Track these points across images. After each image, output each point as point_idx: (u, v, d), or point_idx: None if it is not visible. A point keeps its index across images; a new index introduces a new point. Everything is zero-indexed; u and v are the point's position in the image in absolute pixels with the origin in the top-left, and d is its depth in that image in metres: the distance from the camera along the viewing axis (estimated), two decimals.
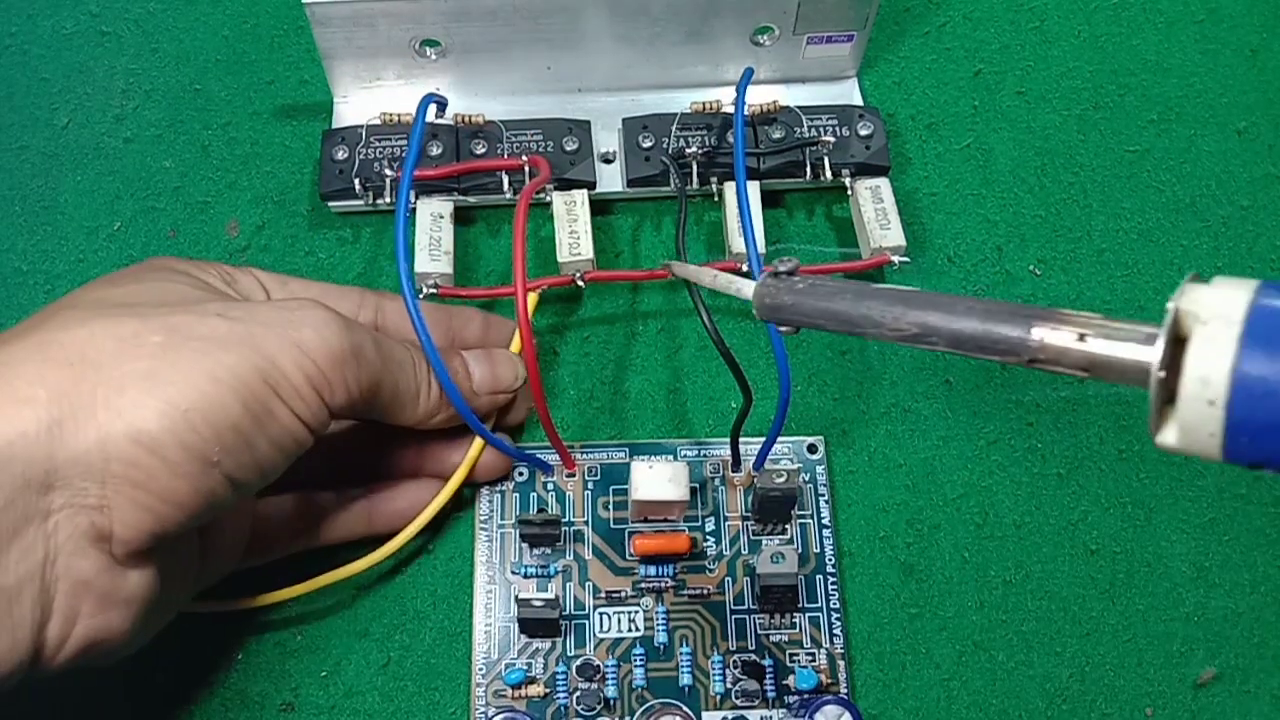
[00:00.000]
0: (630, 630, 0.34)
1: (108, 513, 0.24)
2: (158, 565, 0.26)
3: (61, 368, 0.24)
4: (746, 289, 0.26)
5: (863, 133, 0.39)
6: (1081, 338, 0.19)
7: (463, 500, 0.36)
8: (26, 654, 0.23)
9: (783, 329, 0.26)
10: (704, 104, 0.40)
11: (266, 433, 0.26)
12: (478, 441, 0.34)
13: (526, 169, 0.38)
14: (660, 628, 0.34)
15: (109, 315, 0.25)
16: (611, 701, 0.33)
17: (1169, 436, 0.18)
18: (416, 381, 0.31)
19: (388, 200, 0.39)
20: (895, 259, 0.37)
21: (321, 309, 0.28)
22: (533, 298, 0.36)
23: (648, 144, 0.39)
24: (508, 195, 0.39)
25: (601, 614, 0.34)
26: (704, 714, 0.33)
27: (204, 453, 0.25)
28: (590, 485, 0.36)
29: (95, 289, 0.28)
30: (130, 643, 0.26)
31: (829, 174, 0.39)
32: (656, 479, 0.32)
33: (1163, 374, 0.18)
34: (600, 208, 0.40)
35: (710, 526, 0.35)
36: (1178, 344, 0.18)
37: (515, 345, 0.35)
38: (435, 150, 0.39)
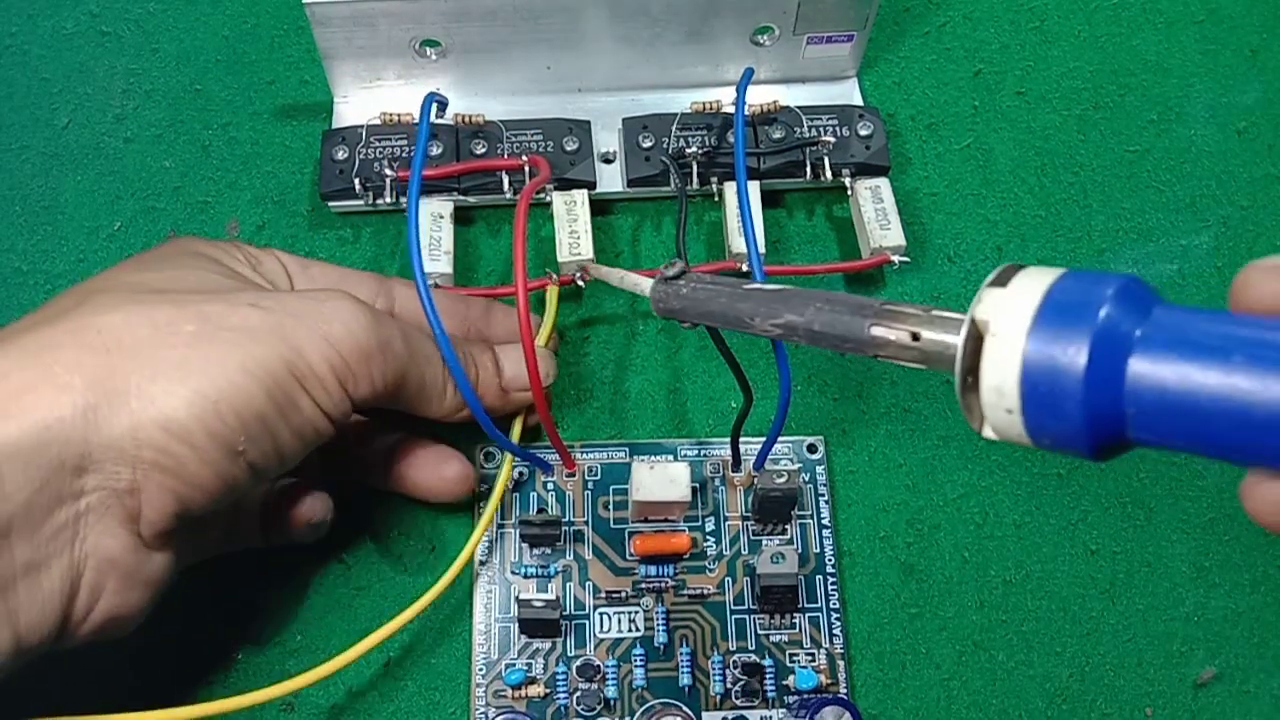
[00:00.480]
0: (630, 630, 0.34)
1: (137, 496, 0.25)
2: (176, 547, 0.27)
3: (98, 354, 0.25)
4: (647, 289, 0.28)
5: (863, 133, 0.39)
6: (915, 336, 0.20)
7: (463, 501, 0.36)
8: (55, 625, 0.24)
9: (683, 326, 0.27)
10: (704, 104, 0.40)
11: (290, 423, 0.27)
12: (508, 460, 0.34)
13: (526, 169, 0.38)
14: (660, 628, 0.34)
15: (145, 301, 0.26)
16: (612, 702, 0.33)
17: (987, 433, 0.19)
18: (443, 377, 0.31)
19: (388, 200, 0.39)
20: (895, 259, 0.37)
21: (352, 302, 0.28)
22: (553, 290, 0.36)
23: (648, 144, 0.39)
24: (508, 195, 0.39)
25: (601, 614, 0.34)
26: (704, 714, 0.33)
27: (230, 442, 0.25)
28: (590, 485, 0.36)
29: (130, 271, 0.28)
30: (140, 619, 0.27)
31: (829, 174, 0.39)
32: (658, 479, 0.33)
33: (970, 379, 0.18)
34: (600, 208, 0.40)
35: (710, 526, 0.35)
36: (982, 346, 0.18)
37: (543, 338, 0.35)
38: (435, 150, 0.38)
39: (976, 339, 0.18)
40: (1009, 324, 0.18)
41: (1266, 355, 0.16)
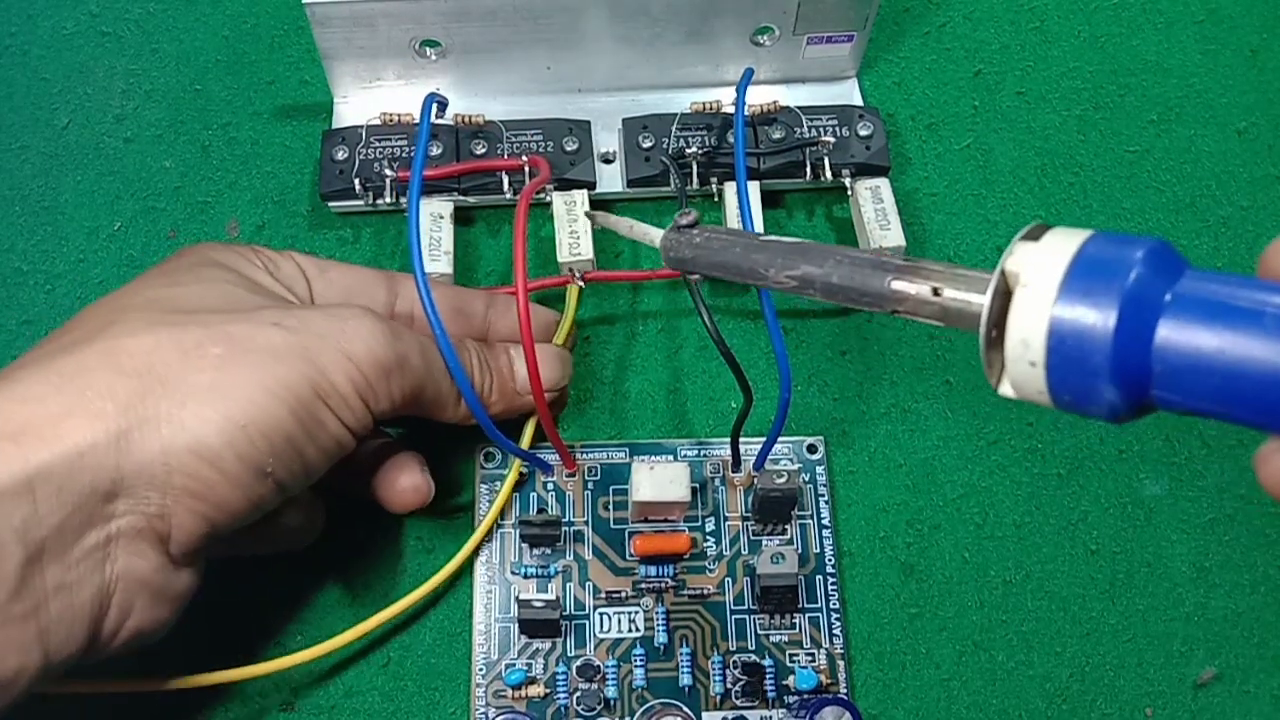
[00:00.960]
0: (630, 630, 0.34)
1: (167, 519, 0.25)
2: (200, 563, 0.28)
3: (129, 378, 0.25)
4: (657, 239, 0.27)
5: (863, 133, 0.39)
6: (936, 291, 0.20)
7: (463, 501, 0.36)
8: (83, 643, 0.25)
9: (691, 277, 0.27)
10: (704, 104, 0.40)
11: (316, 441, 0.27)
12: (516, 464, 0.35)
13: (526, 169, 0.38)
14: (660, 628, 0.34)
15: (172, 323, 0.26)
16: (612, 702, 0.33)
17: (1005, 389, 0.19)
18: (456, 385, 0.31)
19: (388, 200, 0.39)
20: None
21: (371, 319, 0.29)
22: (572, 289, 0.36)
23: (648, 144, 0.39)
24: (508, 195, 0.39)
25: (601, 614, 0.34)
26: (704, 714, 0.33)
27: (259, 464, 0.26)
28: (590, 485, 0.36)
29: (154, 286, 0.28)
30: (166, 631, 0.28)
31: (829, 174, 0.39)
32: (657, 480, 0.33)
33: (994, 333, 0.18)
34: (600, 208, 0.40)
35: (710, 527, 0.35)
36: (1009, 300, 0.18)
37: (561, 337, 0.35)
38: (435, 150, 0.39)
39: (1004, 294, 0.18)
40: (1041, 277, 0.18)
41: None
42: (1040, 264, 0.18)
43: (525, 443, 0.34)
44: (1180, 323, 0.17)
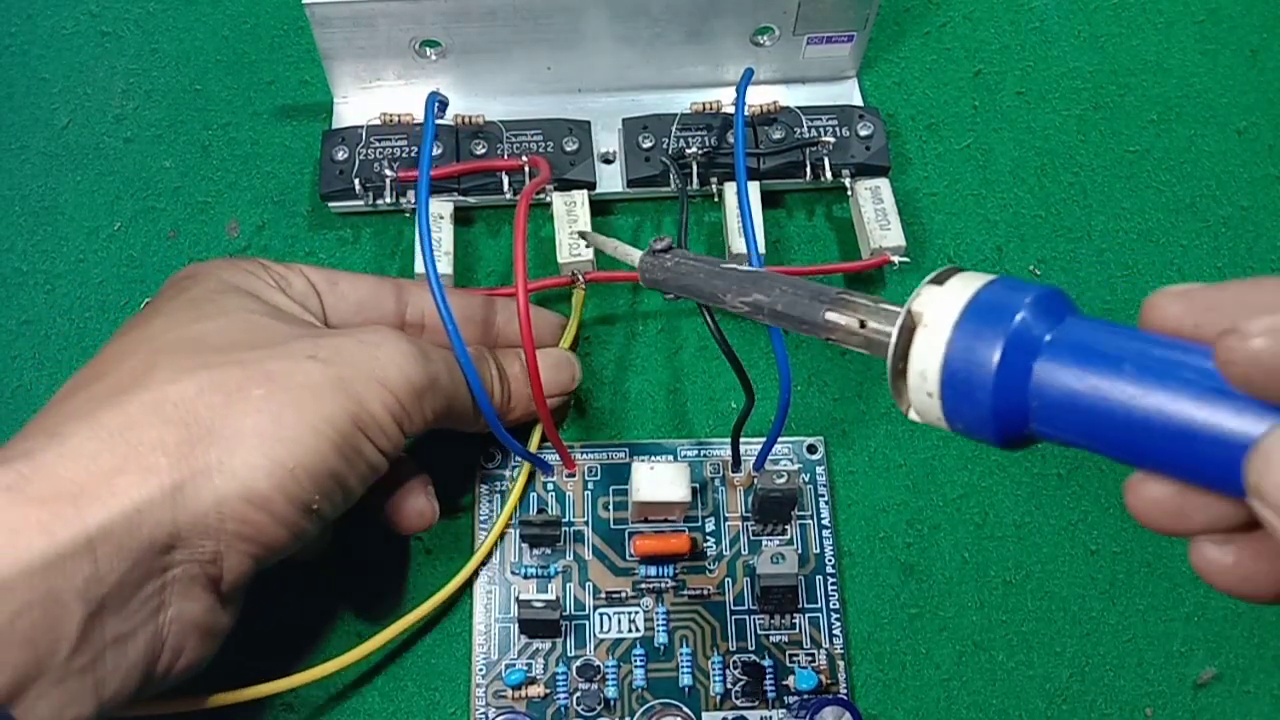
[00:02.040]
0: (630, 631, 0.34)
1: (219, 563, 0.26)
2: (242, 597, 0.28)
3: (177, 428, 0.25)
4: (636, 260, 0.30)
5: (863, 133, 0.39)
6: (862, 324, 0.22)
7: (463, 501, 0.36)
8: (135, 687, 0.25)
9: (666, 298, 0.29)
10: (704, 104, 0.40)
11: (356, 471, 0.28)
12: (526, 468, 0.35)
13: (526, 169, 0.38)
14: (660, 628, 0.34)
15: (210, 365, 0.26)
16: (612, 702, 0.33)
17: (912, 415, 0.21)
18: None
19: (388, 201, 0.39)
20: (895, 259, 0.37)
21: (401, 342, 0.29)
22: (579, 294, 0.36)
23: (648, 144, 0.39)
24: (508, 196, 0.39)
25: (602, 614, 0.34)
26: (704, 714, 0.33)
27: (306, 502, 0.27)
28: (590, 485, 0.36)
29: (181, 323, 0.28)
30: (208, 663, 0.28)
31: (829, 174, 0.39)
32: (657, 480, 0.33)
33: (901, 365, 0.20)
34: (600, 208, 0.40)
35: (710, 527, 0.35)
36: (914, 336, 0.20)
37: (566, 341, 0.36)
38: (435, 151, 0.38)
39: (910, 329, 0.20)
40: (939, 317, 0.20)
41: (1151, 367, 0.18)
42: (940, 304, 0.20)
43: (533, 445, 0.35)
44: (1054, 363, 0.19)
